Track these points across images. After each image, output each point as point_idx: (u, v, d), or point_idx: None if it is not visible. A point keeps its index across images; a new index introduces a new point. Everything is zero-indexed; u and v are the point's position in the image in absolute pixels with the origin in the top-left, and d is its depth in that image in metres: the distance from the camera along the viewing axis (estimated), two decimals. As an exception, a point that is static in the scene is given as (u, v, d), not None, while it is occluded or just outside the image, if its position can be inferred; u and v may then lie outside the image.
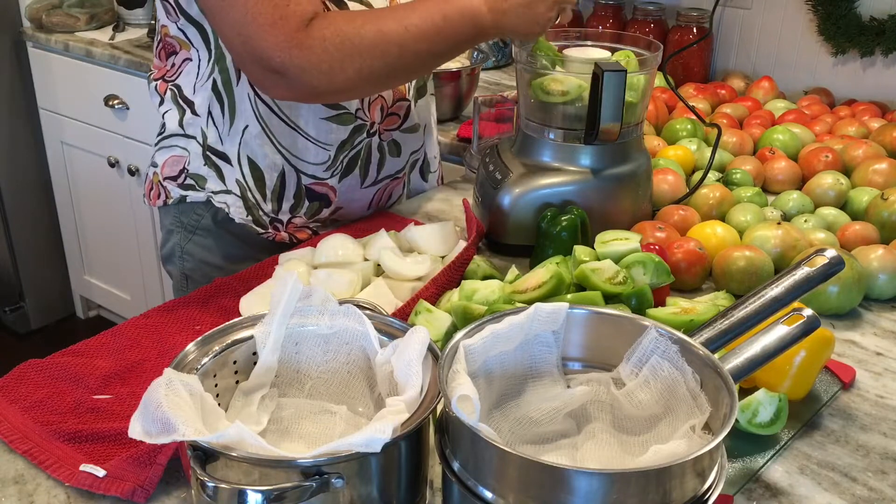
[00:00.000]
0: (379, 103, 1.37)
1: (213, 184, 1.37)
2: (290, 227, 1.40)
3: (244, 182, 1.36)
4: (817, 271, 0.85)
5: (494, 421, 0.83)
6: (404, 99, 1.41)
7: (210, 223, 1.39)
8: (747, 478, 0.88)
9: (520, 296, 1.05)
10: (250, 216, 1.38)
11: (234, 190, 1.36)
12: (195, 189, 1.38)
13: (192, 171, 1.37)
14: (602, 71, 1.18)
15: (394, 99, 1.38)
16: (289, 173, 1.36)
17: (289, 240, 1.41)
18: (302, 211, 1.39)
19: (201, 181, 1.37)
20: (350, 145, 1.37)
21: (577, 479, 0.65)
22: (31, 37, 2.83)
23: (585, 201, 1.28)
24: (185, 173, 1.38)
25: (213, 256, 1.41)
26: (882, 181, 1.47)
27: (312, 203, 1.39)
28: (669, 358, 0.79)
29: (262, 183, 1.36)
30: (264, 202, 1.37)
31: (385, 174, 1.45)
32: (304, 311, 0.87)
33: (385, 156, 1.43)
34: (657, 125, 1.79)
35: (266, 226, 1.39)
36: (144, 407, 0.71)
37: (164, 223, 1.44)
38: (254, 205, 1.37)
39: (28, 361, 1.03)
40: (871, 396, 1.03)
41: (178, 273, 1.45)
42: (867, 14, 1.98)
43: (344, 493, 0.70)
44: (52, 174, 3.06)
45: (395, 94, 1.38)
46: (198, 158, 1.36)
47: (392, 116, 1.40)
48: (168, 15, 1.30)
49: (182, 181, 1.38)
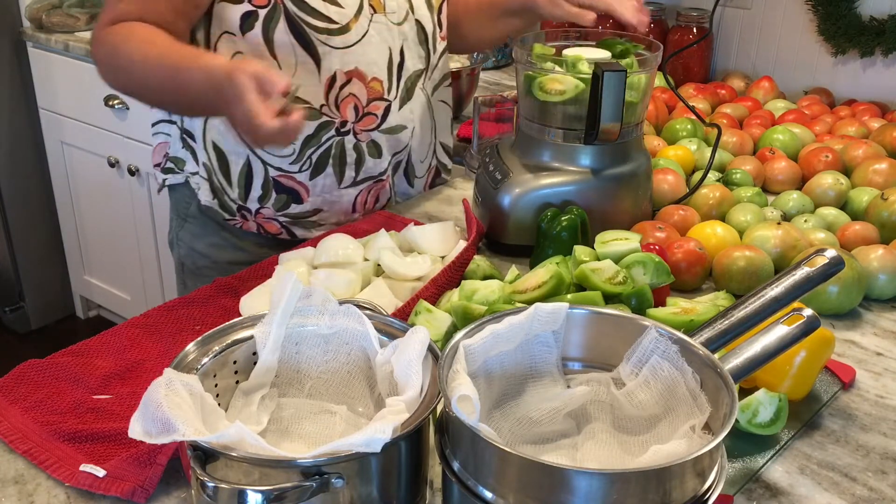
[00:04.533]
0: (351, 101, 1.35)
1: (190, 165, 1.40)
2: (259, 217, 1.41)
3: (210, 164, 1.38)
4: (817, 271, 0.85)
5: (494, 421, 0.83)
6: (381, 99, 1.38)
7: (196, 211, 1.43)
8: (747, 478, 0.88)
9: (520, 296, 1.05)
10: (216, 200, 1.40)
11: (201, 172, 1.40)
12: (174, 171, 1.42)
13: (172, 154, 1.42)
14: (602, 71, 1.18)
15: (368, 98, 1.37)
16: (254, 162, 1.36)
17: (256, 230, 1.42)
18: (270, 202, 1.39)
19: (180, 163, 1.41)
20: (317, 141, 1.36)
21: (577, 479, 0.65)
22: (31, 37, 2.83)
23: (585, 201, 1.28)
24: (167, 157, 1.43)
25: (199, 244, 1.45)
26: (882, 181, 1.47)
27: (280, 195, 1.39)
28: (669, 358, 0.79)
29: (227, 168, 1.38)
30: (230, 188, 1.39)
31: (366, 175, 1.43)
32: (304, 311, 0.87)
33: (364, 156, 1.41)
34: (657, 125, 1.79)
35: (233, 212, 1.41)
36: (144, 407, 0.71)
37: (169, 210, 1.51)
38: (219, 189, 1.39)
39: (28, 361, 1.03)
40: (871, 396, 1.03)
41: (177, 259, 1.51)
42: (867, 14, 1.98)
43: (344, 493, 0.70)
44: (52, 174, 3.06)
45: (370, 92, 1.36)
46: (177, 141, 1.41)
47: (369, 116, 1.38)
48: None
49: (164, 165, 1.43)
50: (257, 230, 1.42)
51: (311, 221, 1.43)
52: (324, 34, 1.28)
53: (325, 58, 1.30)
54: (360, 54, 1.32)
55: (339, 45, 1.30)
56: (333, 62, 1.31)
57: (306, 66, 1.30)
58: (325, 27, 1.28)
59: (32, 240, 3.11)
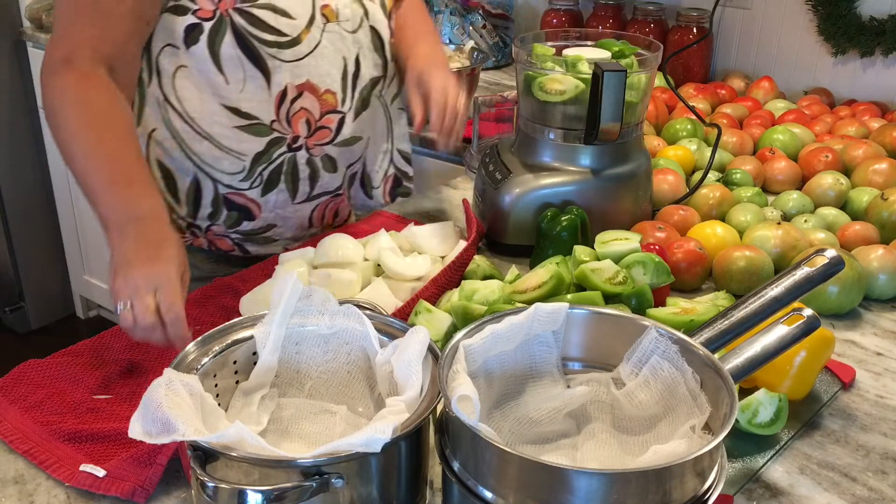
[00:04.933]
0: (303, 116, 1.27)
1: None
2: (210, 233, 1.34)
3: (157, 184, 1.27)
4: (817, 271, 0.85)
5: (494, 421, 0.83)
6: (335, 111, 1.30)
7: None
8: (747, 478, 0.88)
9: (520, 296, 1.05)
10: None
11: None
12: None
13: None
14: (602, 71, 1.18)
15: (321, 112, 1.28)
16: (203, 180, 1.29)
17: (207, 247, 1.35)
18: (220, 219, 1.32)
19: None
20: (267, 158, 1.28)
21: (577, 479, 0.65)
22: (31, 37, 2.83)
23: (585, 201, 1.28)
24: None
25: None
26: (882, 181, 1.47)
27: (231, 212, 1.32)
28: (669, 358, 0.79)
29: (174, 186, 1.30)
30: (178, 206, 1.31)
31: (321, 190, 1.36)
32: (304, 311, 0.87)
33: (318, 171, 1.34)
34: (657, 125, 1.79)
35: (182, 230, 1.33)
36: (144, 407, 0.71)
37: None
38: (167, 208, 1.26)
39: (28, 361, 1.03)
40: (871, 396, 1.03)
41: None
42: (867, 14, 1.98)
43: (344, 493, 0.70)
44: (52, 174, 3.06)
45: (323, 105, 1.28)
46: None
47: (322, 130, 1.30)
48: None
49: None
50: (208, 247, 1.35)
51: (264, 237, 1.36)
52: (273, 47, 1.21)
53: (275, 72, 1.22)
54: (312, 66, 1.25)
55: (290, 57, 1.22)
56: (284, 76, 1.23)
57: (255, 81, 1.22)
58: (275, 40, 1.21)
59: (32, 240, 3.11)
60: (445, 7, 2.41)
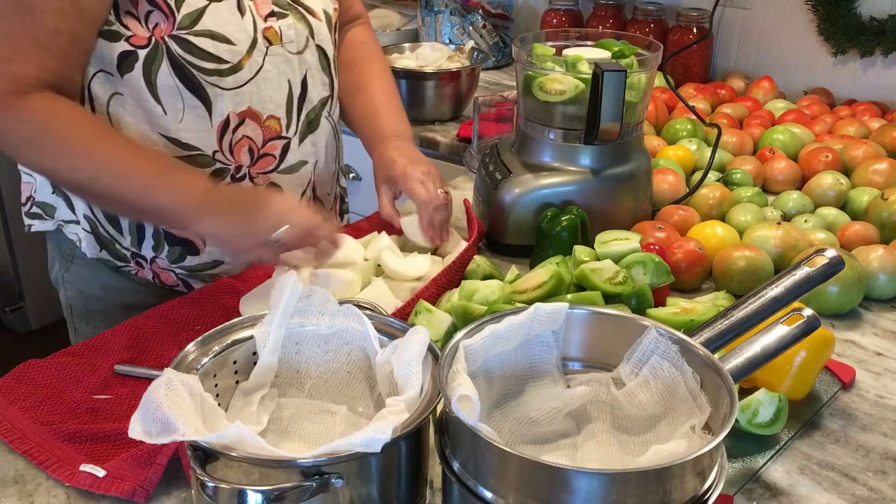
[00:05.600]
0: (245, 144, 1.21)
1: (63, 212, 1.25)
2: (154, 265, 1.26)
3: (93, 217, 1.22)
4: (817, 271, 0.85)
5: (494, 421, 0.83)
6: (279, 137, 1.23)
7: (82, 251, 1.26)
8: (747, 478, 0.88)
9: (520, 296, 1.05)
10: (105, 251, 1.25)
11: (83, 224, 1.24)
12: (41, 217, 1.27)
13: (39, 199, 1.26)
14: (602, 71, 1.18)
15: (265, 139, 1.22)
16: None
17: (152, 278, 1.27)
18: (163, 253, 1.25)
19: (49, 209, 1.26)
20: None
21: (577, 479, 0.65)
22: (31, 37, 2.82)
23: (585, 201, 1.28)
24: (32, 201, 1.27)
25: (90, 287, 1.29)
26: (882, 181, 1.47)
27: (174, 247, 1.24)
28: (669, 358, 0.79)
29: (115, 218, 1.22)
30: (121, 236, 1.23)
31: None
32: (304, 311, 0.87)
33: None
34: (657, 125, 1.79)
35: (127, 259, 1.25)
36: (144, 407, 0.71)
37: (49, 249, 1.34)
38: (108, 239, 1.24)
39: (28, 361, 1.03)
40: (871, 396, 1.03)
41: (65, 301, 1.35)
42: (867, 14, 1.98)
43: (344, 493, 0.70)
44: (52, 174, 3.05)
45: (266, 132, 1.22)
46: (45, 185, 1.25)
47: (265, 158, 1.23)
48: None
49: (28, 209, 1.28)
50: (153, 279, 1.27)
51: (210, 275, 1.28)
52: (214, 75, 1.14)
53: (216, 100, 1.15)
54: (253, 93, 1.18)
55: (231, 85, 1.16)
56: (226, 104, 1.16)
57: (195, 111, 1.15)
58: (215, 68, 1.14)
59: (32, 240, 3.10)
60: (445, 7, 2.41)
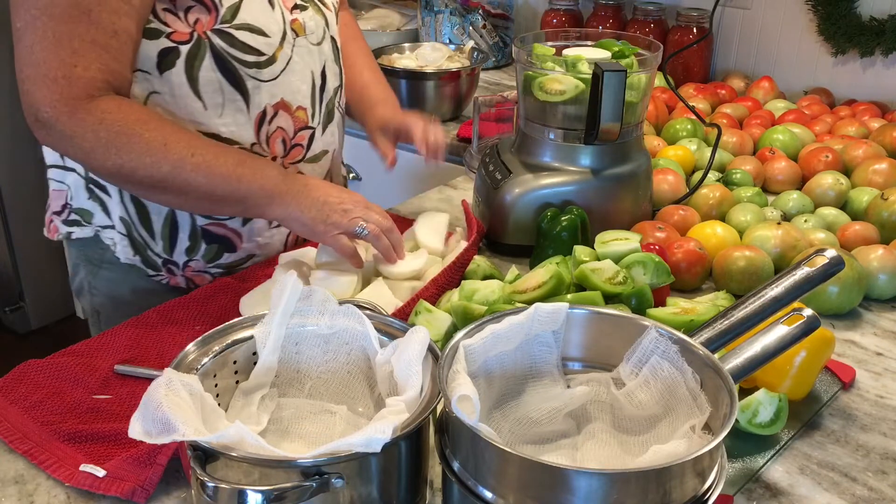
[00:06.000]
0: (279, 135, 1.23)
1: (100, 218, 1.25)
2: (188, 270, 1.28)
3: (128, 218, 1.23)
4: (817, 271, 0.85)
5: (494, 421, 0.83)
6: (306, 127, 1.27)
7: (114, 256, 1.27)
8: (747, 478, 0.88)
9: (520, 296, 1.05)
10: (139, 256, 1.26)
11: (118, 227, 1.24)
12: (81, 224, 1.27)
13: (76, 205, 1.26)
14: (602, 71, 1.18)
15: (295, 129, 1.25)
16: (179, 213, 1.23)
17: (185, 285, 1.29)
18: (199, 254, 1.26)
19: (87, 215, 1.26)
20: None
21: (577, 479, 0.65)
22: (31, 37, 2.82)
23: (585, 201, 1.28)
24: (69, 208, 1.27)
25: (121, 290, 1.29)
26: (882, 181, 1.47)
27: (211, 245, 1.26)
28: (669, 358, 0.79)
29: (148, 221, 1.23)
30: (153, 241, 1.24)
31: None
32: (304, 311, 0.87)
33: None
34: (657, 125, 1.79)
35: (158, 267, 1.27)
36: (144, 407, 0.71)
37: (70, 256, 1.35)
38: (142, 245, 1.25)
39: (28, 361, 1.03)
40: (871, 396, 1.03)
41: (90, 308, 1.36)
42: (867, 14, 1.98)
43: (344, 493, 0.70)
44: (52, 174, 3.06)
45: (296, 123, 1.25)
46: (80, 191, 1.25)
47: (296, 148, 1.26)
48: None
49: (66, 217, 1.28)
50: (186, 285, 1.29)
51: (243, 270, 1.30)
52: (252, 68, 1.16)
53: (253, 93, 1.18)
54: (284, 84, 1.21)
55: (267, 77, 1.18)
56: (262, 97, 1.19)
57: (235, 104, 1.17)
58: (254, 60, 1.16)
59: (32, 240, 3.11)
60: (445, 7, 2.41)
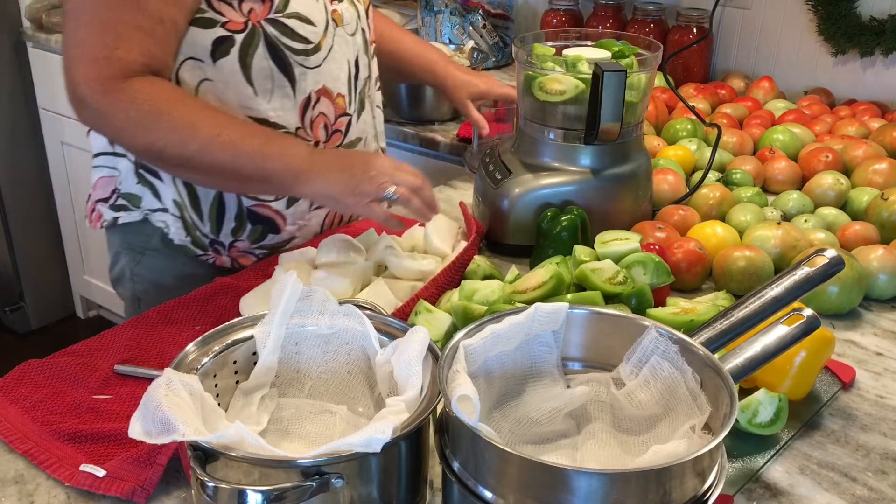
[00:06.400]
0: (322, 121, 1.29)
1: (149, 201, 1.30)
2: (233, 250, 1.32)
3: (181, 200, 1.28)
4: (817, 271, 0.85)
5: (494, 421, 0.83)
6: (345, 114, 1.32)
7: (159, 243, 1.32)
8: (747, 478, 0.88)
9: (520, 296, 1.05)
10: (189, 237, 1.30)
11: (171, 209, 1.29)
12: (128, 209, 1.31)
13: (125, 190, 1.30)
14: (602, 71, 1.18)
15: (335, 115, 1.31)
16: (227, 194, 1.28)
17: (230, 265, 1.33)
18: (244, 234, 1.31)
19: (135, 200, 1.30)
20: None
21: (577, 479, 0.65)
22: (30, 37, 2.83)
23: (585, 201, 1.28)
24: (117, 193, 1.31)
25: (165, 278, 1.34)
26: (882, 181, 1.47)
27: (255, 226, 1.31)
28: (669, 358, 0.79)
29: (197, 202, 1.28)
30: (201, 222, 1.29)
31: None
32: (304, 311, 0.87)
33: None
34: (657, 125, 1.79)
35: (206, 247, 1.31)
36: (144, 407, 0.71)
37: (112, 245, 1.39)
38: (192, 225, 1.29)
39: (28, 361, 1.03)
40: (871, 396, 1.03)
41: (130, 295, 1.40)
42: (867, 14, 1.98)
43: (344, 493, 0.70)
44: (52, 174, 3.06)
45: (337, 109, 1.30)
46: (130, 176, 1.29)
47: (336, 134, 1.32)
48: None
49: (114, 202, 1.32)
50: (231, 265, 1.33)
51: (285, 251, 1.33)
52: (301, 55, 1.22)
53: (300, 79, 1.24)
54: (326, 72, 1.27)
55: (313, 64, 1.24)
56: (307, 83, 1.25)
57: (283, 90, 1.23)
58: (303, 48, 1.22)
59: (32, 240, 3.11)
60: (445, 7, 2.41)
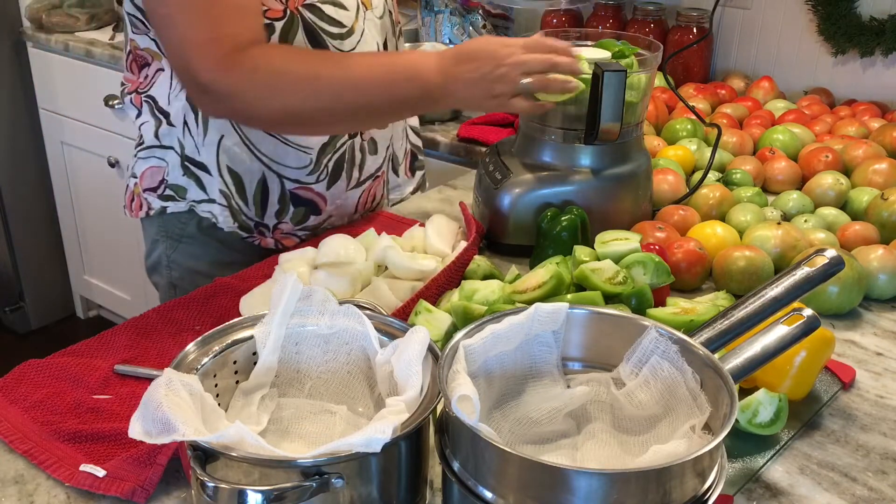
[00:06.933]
0: None
1: (194, 193, 1.35)
2: (277, 232, 1.38)
3: (228, 190, 1.34)
4: (817, 271, 0.85)
5: (494, 421, 0.83)
6: None
7: (195, 230, 1.38)
8: (747, 478, 0.88)
9: (520, 296, 1.05)
10: (236, 223, 1.36)
11: (218, 199, 1.35)
12: (175, 199, 1.36)
13: (171, 181, 1.35)
14: (602, 71, 1.18)
15: None
16: (270, 178, 1.34)
17: (274, 245, 1.39)
18: (287, 216, 1.37)
19: (181, 191, 1.35)
20: (332, 148, 1.35)
21: (577, 479, 0.65)
22: (31, 37, 2.83)
23: (585, 201, 1.28)
24: (165, 184, 1.36)
25: (200, 264, 1.39)
26: (882, 181, 1.47)
27: (298, 209, 1.37)
28: (669, 358, 0.79)
29: (242, 189, 1.34)
30: (247, 207, 1.35)
31: (367, 174, 1.43)
32: (304, 311, 0.87)
33: (365, 155, 1.41)
34: (657, 125, 1.79)
35: (251, 230, 1.37)
36: (144, 407, 0.71)
37: (149, 233, 1.43)
38: (238, 211, 1.35)
39: (28, 361, 1.03)
40: (871, 396, 1.03)
41: (166, 283, 1.43)
42: (867, 14, 1.98)
43: (344, 493, 0.70)
44: (52, 174, 3.06)
45: None
46: (176, 168, 1.34)
47: None
48: (135, 28, 1.29)
49: (162, 192, 1.37)
50: (275, 246, 1.39)
51: (322, 229, 1.41)
52: (336, 39, 1.27)
53: None
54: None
55: (348, 47, 1.29)
56: None
57: None
58: (338, 32, 1.27)
59: (32, 240, 3.11)
60: (445, 7, 2.41)
